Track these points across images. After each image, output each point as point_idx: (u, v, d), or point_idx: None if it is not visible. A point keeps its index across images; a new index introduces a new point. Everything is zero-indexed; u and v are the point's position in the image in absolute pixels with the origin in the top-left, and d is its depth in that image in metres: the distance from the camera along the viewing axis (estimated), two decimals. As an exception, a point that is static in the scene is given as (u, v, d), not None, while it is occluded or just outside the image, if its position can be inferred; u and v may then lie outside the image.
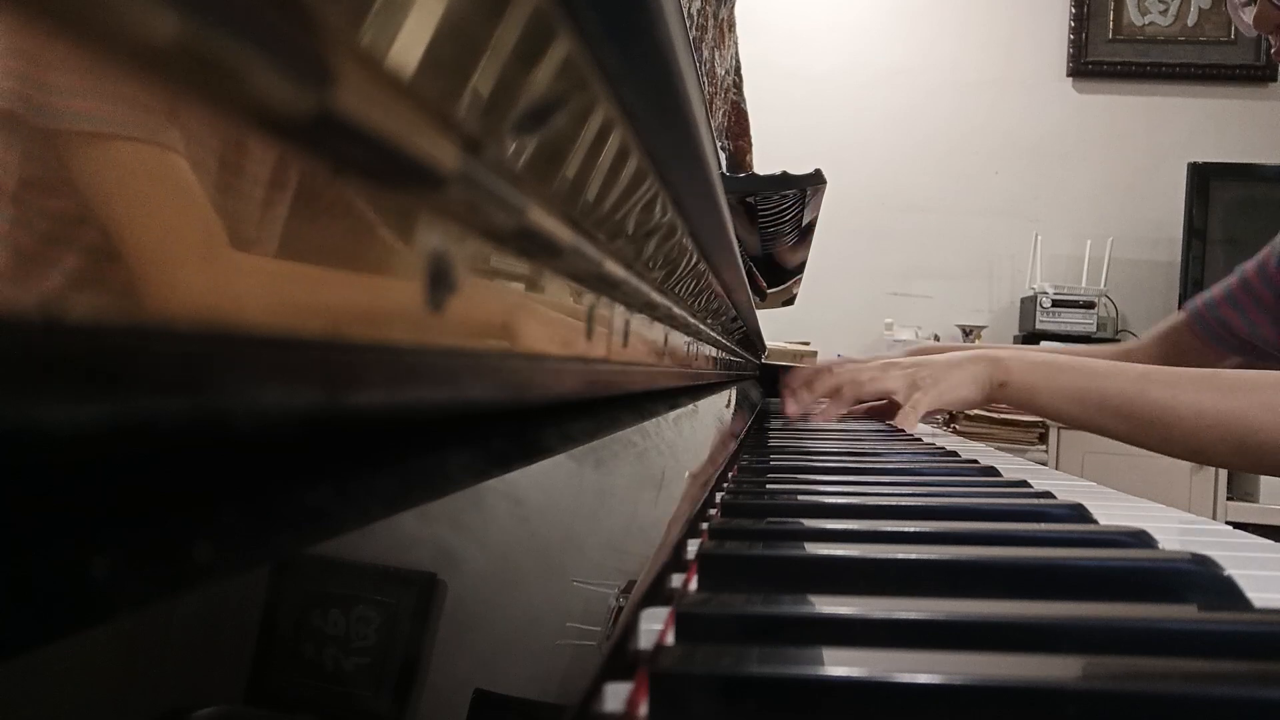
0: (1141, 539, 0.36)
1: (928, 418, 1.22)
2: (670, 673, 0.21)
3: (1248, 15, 1.14)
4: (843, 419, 1.16)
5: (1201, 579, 0.30)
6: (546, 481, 0.25)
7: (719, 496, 0.48)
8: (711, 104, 1.24)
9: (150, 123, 0.09)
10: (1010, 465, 0.78)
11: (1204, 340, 1.32)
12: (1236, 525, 0.51)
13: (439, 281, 0.16)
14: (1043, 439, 2.44)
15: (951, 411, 1.91)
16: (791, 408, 1.18)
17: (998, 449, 1.08)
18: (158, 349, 0.10)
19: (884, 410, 1.16)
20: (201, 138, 0.10)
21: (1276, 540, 0.45)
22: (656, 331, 0.45)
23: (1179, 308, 1.42)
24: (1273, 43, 1.15)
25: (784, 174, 0.93)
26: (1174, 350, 1.35)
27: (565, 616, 0.23)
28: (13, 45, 0.08)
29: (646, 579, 0.29)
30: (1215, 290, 1.33)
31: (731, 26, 1.36)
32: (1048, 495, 0.50)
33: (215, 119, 0.10)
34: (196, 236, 0.11)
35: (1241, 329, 1.28)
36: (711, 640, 0.25)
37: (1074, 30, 3.01)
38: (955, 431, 2.12)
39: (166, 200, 0.10)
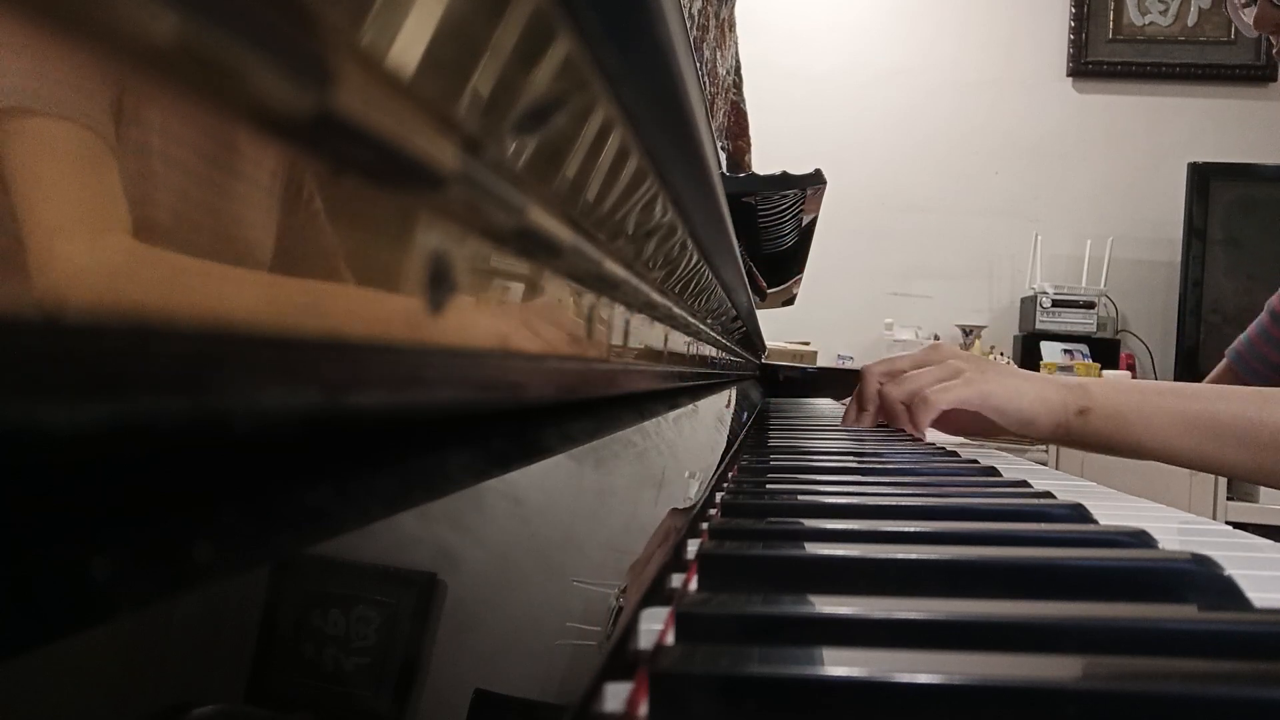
0: (1141, 539, 0.36)
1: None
2: (670, 673, 0.21)
3: (1248, 16, 1.13)
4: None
5: (1201, 579, 0.30)
6: (546, 481, 0.25)
7: (719, 496, 0.48)
8: (713, 104, 1.24)
9: (140, 120, 0.09)
10: (1010, 465, 0.78)
11: (1250, 384, 1.29)
12: (1236, 525, 0.51)
13: (439, 282, 0.16)
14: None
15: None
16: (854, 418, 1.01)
17: (998, 449, 1.06)
18: (158, 349, 0.10)
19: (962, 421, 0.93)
20: (201, 137, 0.10)
21: (1276, 540, 0.45)
22: (656, 331, 0.45)
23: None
24: (1274, 43, 1.14)
25: (784, 174, 0.93)
26: None
27: (565, 616, 0.23)
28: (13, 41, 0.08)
29: (646, 579, 0.29)
30: (1251, 331, 1.29)
31: (732, 26, 1.36)
32: (1048, 495, 0.50)
33: (216, 118, 0.10)
34: (191, 235, 0.11)
35: None
36: (711, 640, 0.25)
37: (1074, 30, 3.01)
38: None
39: (158, 198, 0.10)
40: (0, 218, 0.08)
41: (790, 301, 1.69)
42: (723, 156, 1.11)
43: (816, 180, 0.95)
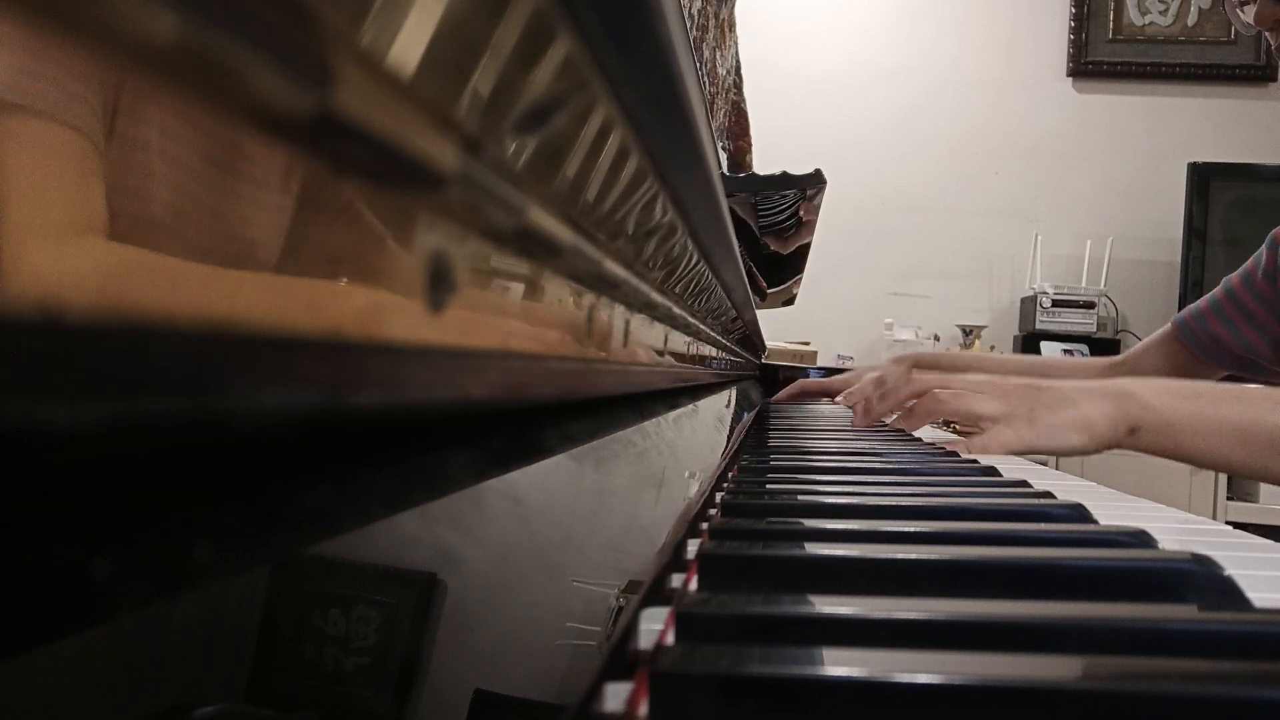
0: (1141, 539, 0.36)
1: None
2: (670, 673, 0.21)
3: (1247, 14, 1.13)
4: (843, 415, 1.10)
5: (1201, 579, 0.30)
6: (546, 481, 0.25)
7: (719, 496, 0.48)
8: (713, 104, 1.24)
9: (140, 121, 0.09)
10: (1010, 465, 0.78)
11: (1194, 353, 1.29)
12: (1236, 525, 0.51)
13: (439, 281, 0.16)
14: (1043, 439, 2.43)
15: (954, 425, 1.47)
16: (860, 419, 1.03)
17: (998, 449, 1.06)
18: (158, 349, 0.10)
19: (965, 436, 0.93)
20: (201, 137, 0.10)
21: (1276, 540, 0.45)
22: (656, 331, 0.45)
23: (1179, 308, 1.40)
24: (1272, 41, 1.14)
25: (784, 174, 0.93)
26: (1164, 363, 1.32)
27: (565, 616, 0.23)
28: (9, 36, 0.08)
29: (645, 579, 0.29)
30: (1203, 302, 1.29)
31: (732, 26, 1.36)
32: (1048, 495, 0.50)
33: (217, 118, 0.10)
34: (190, 235, 0.11)
35: (1232, 343, 1.25)
36: (711, 640, 0.25)
37: (1074, 30, 3.01)
38: (956, 432, 2.11)
39: (157, 198, 0.10)
40: (84, 235, 0.08)
41: (790, 301, 1.69)
42: (723, 156, 1.11)
43: (816, 180, 0.96)
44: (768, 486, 0.54)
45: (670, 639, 0.25)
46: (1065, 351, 2.67)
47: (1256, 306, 1.23)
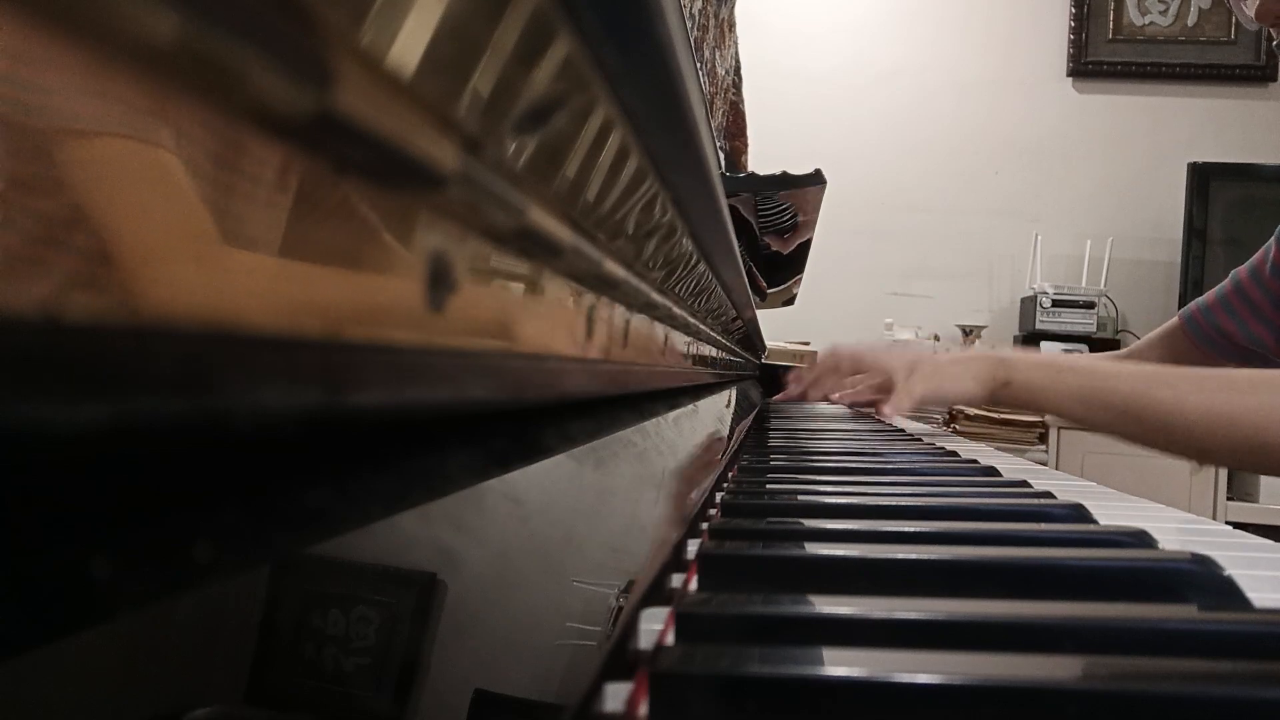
0: (1141, 539, 0.36)
1: (927, 417, 1.24)
2: (670, 673, 0.21)
3: (1249, 8, 1.12)
4: (842, 416, 1.16)
5: (1201, 579, 0.30)
6: (546, 481, 0.25)
7: (719, 496, 0.48)
8: (712, 104, 1.24)
9: (142, 121, 0.09)
10: (1010, 465, 0.78)
11: (1200, 347, 1.29)
12: (1236, 525, 0.51)
13: (439, 281, 0.16)
14: (1043, 439, 2.44)
15: (951, 410, 1.94)
16: (792, 389, 1.25)
17: (998, 449, 1.07)
18: (158, 349, 0.10)
19: (878, 402, 1.16)
20: (201, 137, 0.10)
21: (1276, 540, 0.45)
22: (656, 331, 0.45)
23: (1178, 308, 1.40)
24: (1275, 36, 1.14)
25: (784, 174, 0.93)
26: (1170, 356, 1.32)
27: (565, 616, 0.23)
28: (3, 45, 0.08)
29: (646, 579, 0.29)
30: (1210, 296, 1.29)
31: (732, 26, 1.36)
32: (1048, 495, 0.50)
33: (215, 118, 0.10)
34: (192, 235, 0.11)
35: (1238, 336, 1.25)
36: (711, 640, 0.25)
37: (1074, 30, 3.01)
38: (955, 431, 2.11)
39: (160, 199, 0.10)
40: (82, 236, 0.08)
41: (790, 301, 1.69)
42: (721, 156, 1.11)
43: (816, 180, 0.96)
44: (768, 486, 0.54)
45: (670, 639, 0.25)
46: (1065, 352, 2.67)
47: (1263, 300, 1.23)
